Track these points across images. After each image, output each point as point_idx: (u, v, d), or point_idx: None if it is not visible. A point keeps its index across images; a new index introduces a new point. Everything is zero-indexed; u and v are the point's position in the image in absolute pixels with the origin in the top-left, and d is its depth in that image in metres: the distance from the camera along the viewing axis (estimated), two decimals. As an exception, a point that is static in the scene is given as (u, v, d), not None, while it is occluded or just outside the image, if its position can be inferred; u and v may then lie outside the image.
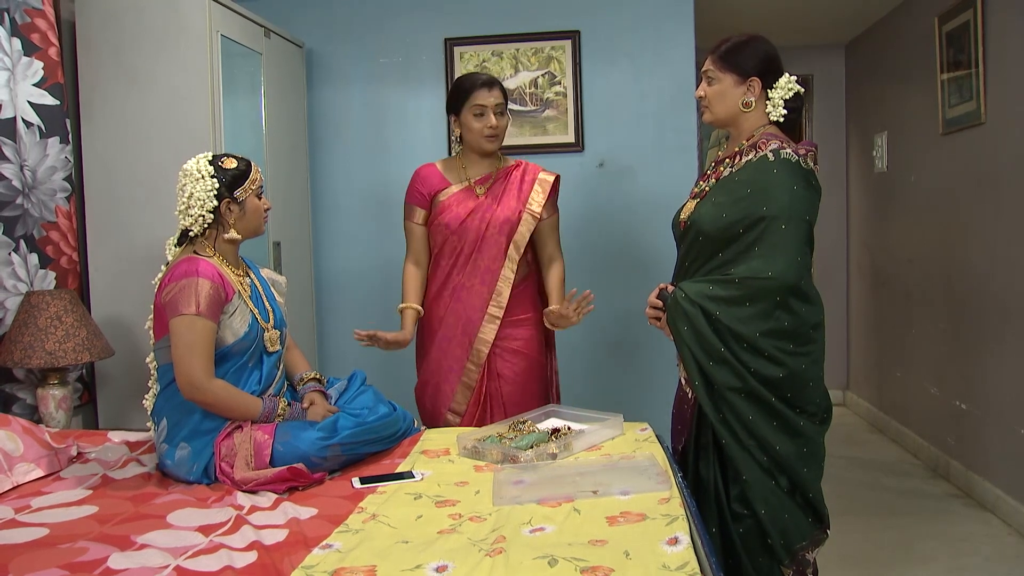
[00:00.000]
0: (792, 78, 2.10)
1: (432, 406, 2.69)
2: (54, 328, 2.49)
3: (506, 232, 2.59)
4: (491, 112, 2.56)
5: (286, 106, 3.49)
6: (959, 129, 3.70)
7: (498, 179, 2.65)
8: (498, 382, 2.62)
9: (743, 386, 1.99)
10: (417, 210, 2.68)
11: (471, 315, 2.61)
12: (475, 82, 2.58)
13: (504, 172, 2.66)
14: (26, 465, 2.08)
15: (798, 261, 1.97)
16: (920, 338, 4.26)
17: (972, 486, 3.63)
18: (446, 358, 2.64)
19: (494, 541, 1.56)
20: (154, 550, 1.58)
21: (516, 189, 2.63)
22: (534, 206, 2.62)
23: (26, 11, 2.68)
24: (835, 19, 4.77)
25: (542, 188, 2.64)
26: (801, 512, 2.04)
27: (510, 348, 2.63)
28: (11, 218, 2.59)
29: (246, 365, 2.13)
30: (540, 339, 2.69)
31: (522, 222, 2.60)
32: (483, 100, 2.56)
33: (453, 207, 2.61)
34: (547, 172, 2.69)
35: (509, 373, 2.62)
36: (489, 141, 2.59)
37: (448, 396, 2.64)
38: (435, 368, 2.67)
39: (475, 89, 2.57)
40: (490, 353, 2.61)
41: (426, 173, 2.69)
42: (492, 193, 2.62)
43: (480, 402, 2.62)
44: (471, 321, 2.61)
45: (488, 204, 2.61)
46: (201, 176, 2.09)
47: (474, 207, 2.60)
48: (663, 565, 1.42)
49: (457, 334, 2.63)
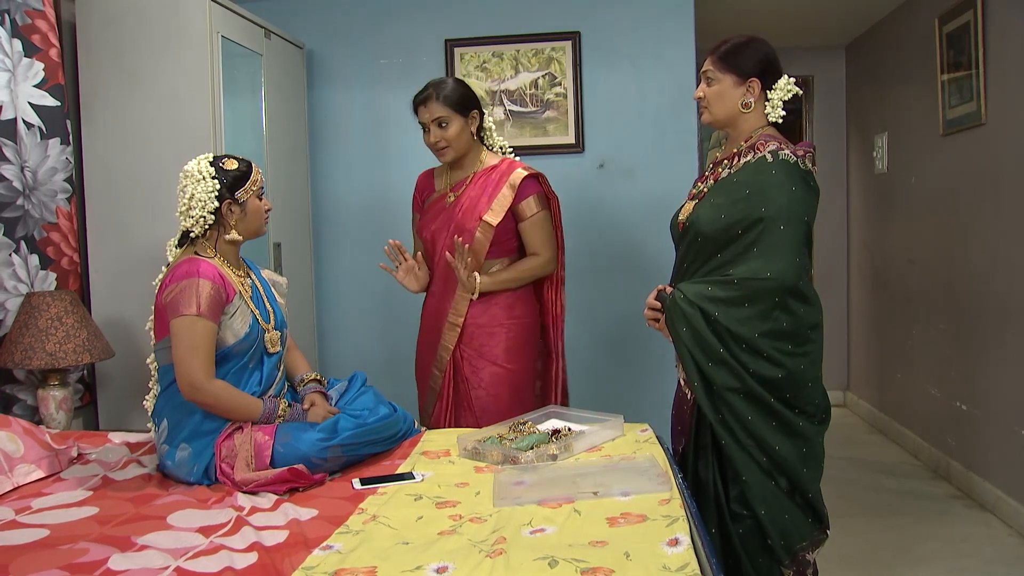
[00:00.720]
0: (791, 80, 2.10)
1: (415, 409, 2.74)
2: (54, 329, 2.49)
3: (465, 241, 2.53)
4: (430, 127, 2.54)
5: (286, 107, 3.49)
6: (959, 130, 3.70)
7: (471, 184, 2.59)
8: (466, 386, 2.61)
9: (742, 387, 1.99)
10: (414, 214, 2.75)
11: (438, 322, 2.63)
12: (415, 99, 2.56)
13: (480, 175, 2.60)
14: (27, 466, 2.08)
15: (796, 262, 1.97)
16: (920, 339, 4.26)
17: (972, 487, 3.63)
18: (420, 362, 2.73)
19: (494, 542, 1.56)
20: (154, 551, 1.58)
21: (485, 194, 2.56)
22: (491, 215, 2.53)
23: (27, 12, 2.68)
24: (835, 20, 4.77)
25: (511, 190, 2.55)
26: (801, 512, 2.04)
27: (478, 355, 2.60)
28: (12, 219, 2.59)
29: (246, 366, 2.13)
30: (515, 346, 2.61)
31: (478, 230, 2.54)
32: (421, 118, 2.56)
33: (425, 215, 2.66)
34: (525, 169, 2.59)
35: (475, 379, 2.60)
36: (440, 154, 2.58)
37: (422, 398, 2.72)
38: (417, 368, 2.76)
39: (415, 107, 2.56)
40: (459, 359, 2.61)
41: (420, 180, 2.75)
42: (459, 200, 2.59)
43: (446, 406, 2.62)
44: (438, 328, 2.63)
45: (452, 213, 2.58)
46: (202, 177, 2.09)
47: (440, 215, 2.61)
48: (663, 566, 1.42)
49: (429, 339, 2.67)
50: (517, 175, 2.57)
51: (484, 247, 2.56)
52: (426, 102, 2.53)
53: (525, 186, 2.57)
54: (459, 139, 2.55)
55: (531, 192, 2.59)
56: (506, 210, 2.55)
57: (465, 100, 2.55)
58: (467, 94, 2.57)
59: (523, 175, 2.57)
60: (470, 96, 2.58)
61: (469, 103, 2.56)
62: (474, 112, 2.57)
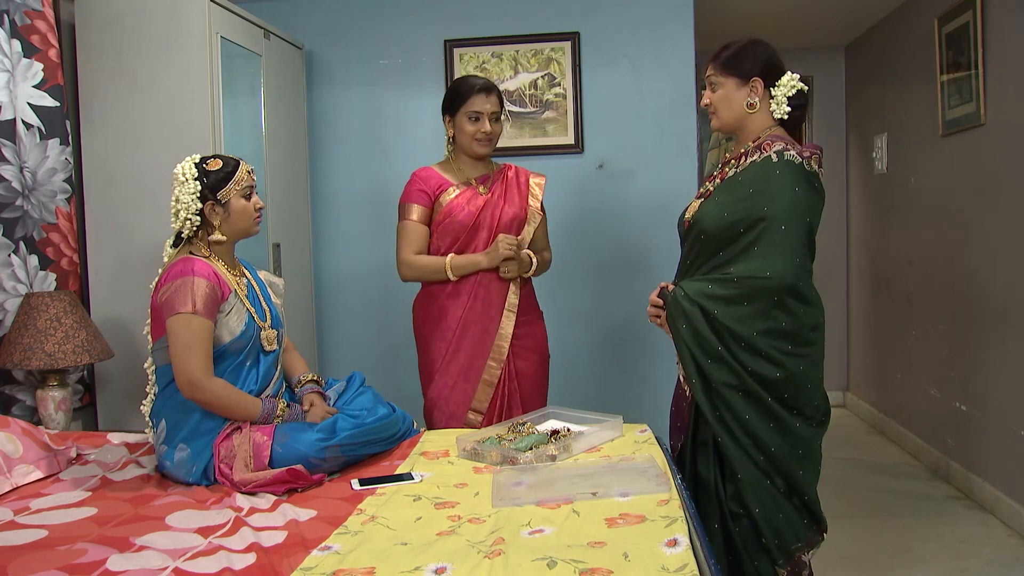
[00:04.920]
0: (795, 76, 2.11)
1: (452, 407, 2.62)
2: (53, 330, 2.49)
3: (515, 229, 2.64)
4: (487, 118, 2.58)
5: (286, 108, 3.49)
6: (959, 130, 3.70)
7: (496, 179, 2.68)
8: (517, 380, 2.63)
9: (740, 384, 1.99)
10: (416, 208, 2.62)
11: (490, 312, 2.62)
12: (473, 86, 2.60)
13: (499, 173, 2.71)
14: (25, 467, 2.08)
15: (796, 262, 1.97)
16: (920, 340, 4.26)
17: (972, 488, 3.63)
18: (468, 357, 2.61)
19: (493, 543, 1.56)
20: (153, 552, 1.58)
21: (516, 188, 2.68)
22: (536, 204, 2.68)
23: (26, 13, 2.68)
24: (835, 21, 4.77)
25: (539, 189, 2.70)
26: (797, 514, 2.04)
27: (527, 345, 2.65)
28: (11, 220, 2.59)
29: (243, 364, 2.13)
30: (546, 336, 2.75)
31: (529, 219, 2.66)
32: (479, 106, 2.58)
33: (464, 206, 2.61)
34: (535, 175, 2.74)
35: (528, 370, 2.64)
36: (481, 145, 2.62)
37: (469, 396, 2.60)
38: (457, 369, 2.61)
39: (472, 93, 2.58)
40: (509, 352, 2.61)
41: (426, 174, 2.68)
42: (496, 192, 2.66)
43: (499, 401, 2.61)
44: (490, 319, 2.61)
45: (495, 202, 2.64)
46: (185, 179, 2.10)
47: (483, 204, 2.62)
48: (662, 567, 1.42)
49: (478, 332, 2.61)
50: (538, 177, 2.73)
51: (530, 235, 2.66)
52: (489, 92, 2.60)
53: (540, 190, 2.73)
54: (499, 137, 2.68)
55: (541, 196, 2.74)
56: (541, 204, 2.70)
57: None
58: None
59: (543, 181, 2.73)
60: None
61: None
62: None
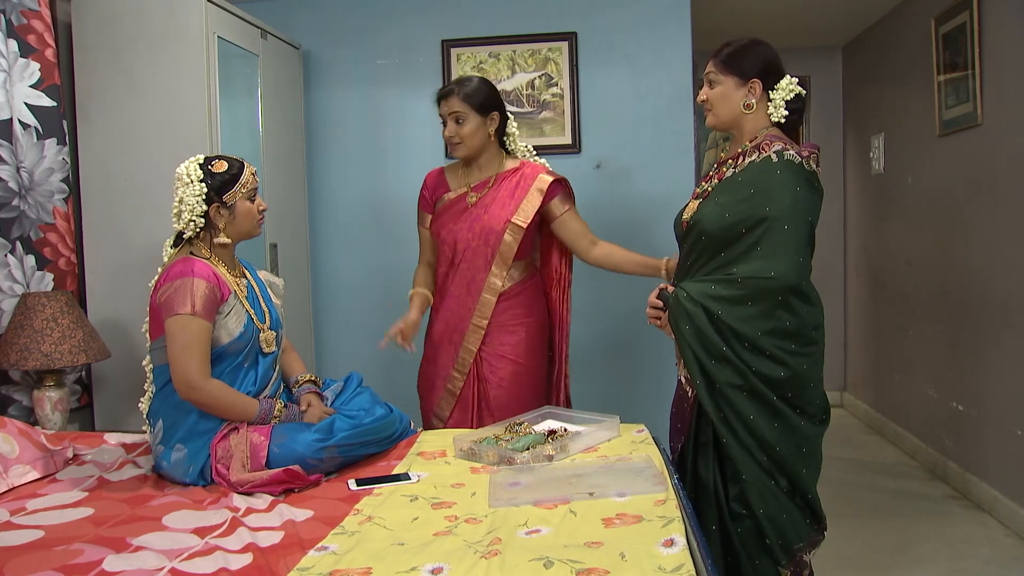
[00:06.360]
0: (793, 80, 2.11)
1: (424, 408, 2.73)
2: (50, 330, 2.48)
3: (490, 243, 2.57)
4: (450, 120, 2.56)
5: (283, 108, 3.49)
6: (956, 130, 3.70)
7: (495, 185, 2.62)
8: (484, 386, 2.61)
9: (744, 383, 1.99)
10: (425, 215, 2.72)
11: (459, 324, 2.63)
12: (438, 92, 2.61)
13: (503, 176, 2.63)
14: (22, 467, 2.08)
15: (799, 262, 1.98)
16: (918, 340, 4.26)
17: (970, 488, 3.63)
18: (436, 364, 2.68)
19: (490, 543, 1.56)
20: (150, 552, 1.58)
21: (509, 197, 2.59)
22: (520, 217, 2.57)
23: (22, 12, 2.68)
24: (832, 21, 4.78)
25: (539, 194, 2.58)
26: (799, 513, 2.05)
27: (496, 353, 2.61)
28: (8, 220, 2.59)
29: (241, 365, 2.13)
30: (533, 344, 2.64)
31: (507, 232, 2.57)
32: (441, 111, 2.59)
33: (442, 215, 2.64)
34: (549, 174, 2.63)
35: (494, 378, 2.61)
36: (453, 148, 2.60)
37: (435, 401, 2.68)
38: (428, 372, 2.72)
39: (438, 102, 2.60)
40: (476, 359, 2.61)
41: (430, 178, 2.73)
42: (483, 202, 2.60)
43: (467, 408, 2.62)
44: (459, 330, 2.63)
45: (476, 214, 2.59)
46: (190, 181, 2.09)
47: (462, 216, 2.61)
48: (659, 567, 1.41)
49: (445, 342, 2.65)
50: (543, 180, 2.60)
51: (513, 249, 2.58)
52: (447, 96, 2.57)
53: (552, 189, 2.62)
54: (473, 137, 2.57)
55: (558, 192, 2.64)
56: (535, 213, 2.58)
57: (486, 101, 2.57)
58: (489, 96, 2.59)
59: (549, 181, 2.61)
60: (492, 98, 2.59)
61: (490, 105, 2.58)
62: (494, 114, 2.59)
